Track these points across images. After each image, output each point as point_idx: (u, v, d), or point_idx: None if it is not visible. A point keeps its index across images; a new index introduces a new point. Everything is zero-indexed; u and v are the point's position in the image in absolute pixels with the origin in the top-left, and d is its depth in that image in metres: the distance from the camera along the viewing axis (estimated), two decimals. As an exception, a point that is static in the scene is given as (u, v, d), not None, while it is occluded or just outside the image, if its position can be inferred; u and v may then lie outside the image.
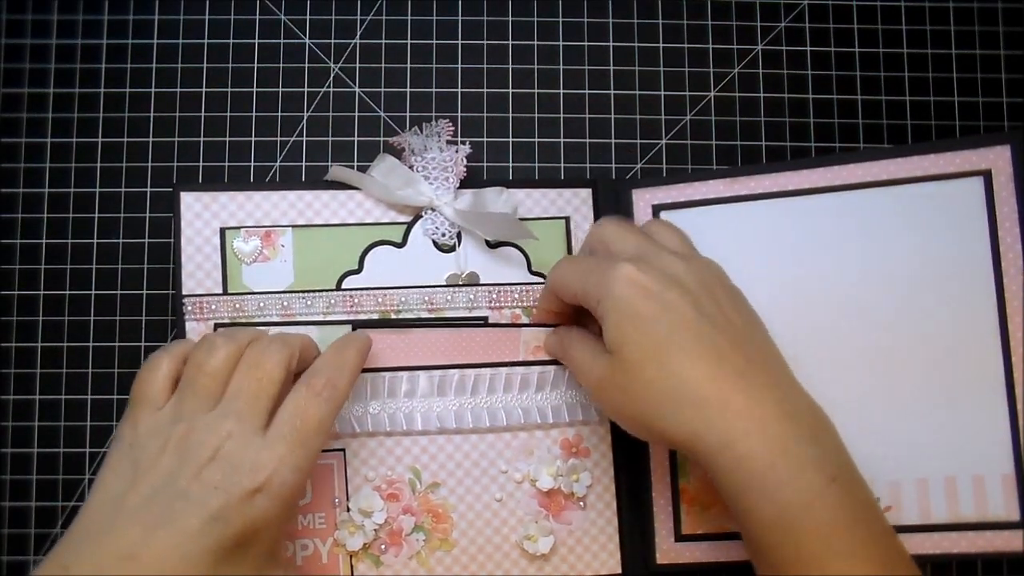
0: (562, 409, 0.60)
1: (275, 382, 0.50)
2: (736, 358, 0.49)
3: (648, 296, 0.49)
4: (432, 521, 0.59)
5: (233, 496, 0.46)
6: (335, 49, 0.65)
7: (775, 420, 0.47)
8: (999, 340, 0.58)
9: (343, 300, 0.60)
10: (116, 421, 0.62)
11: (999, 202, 0.58)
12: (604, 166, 0.65)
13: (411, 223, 0.61)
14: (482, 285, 0.61)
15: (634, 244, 0.53)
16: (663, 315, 0.49)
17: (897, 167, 0.59)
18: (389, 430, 0.59)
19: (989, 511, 0.58)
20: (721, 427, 0.47)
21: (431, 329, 0.60)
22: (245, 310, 0.59)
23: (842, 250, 0.59)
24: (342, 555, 0.59)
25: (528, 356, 0.60)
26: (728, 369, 0.48)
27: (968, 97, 0.66)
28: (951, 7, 0.66)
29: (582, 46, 0.66)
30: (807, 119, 0.66)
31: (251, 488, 0.47)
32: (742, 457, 0.46)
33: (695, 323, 0.49)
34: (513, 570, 0.59)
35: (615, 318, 0.50)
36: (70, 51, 0.65)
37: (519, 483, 0.60)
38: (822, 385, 0.58)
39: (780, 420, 0.47)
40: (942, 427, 0.58)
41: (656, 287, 0.49)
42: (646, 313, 0.49)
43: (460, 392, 0.60)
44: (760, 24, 0.67)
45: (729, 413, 0.47)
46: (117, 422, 0.61)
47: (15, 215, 0.64)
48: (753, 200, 0.60)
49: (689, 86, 0.66)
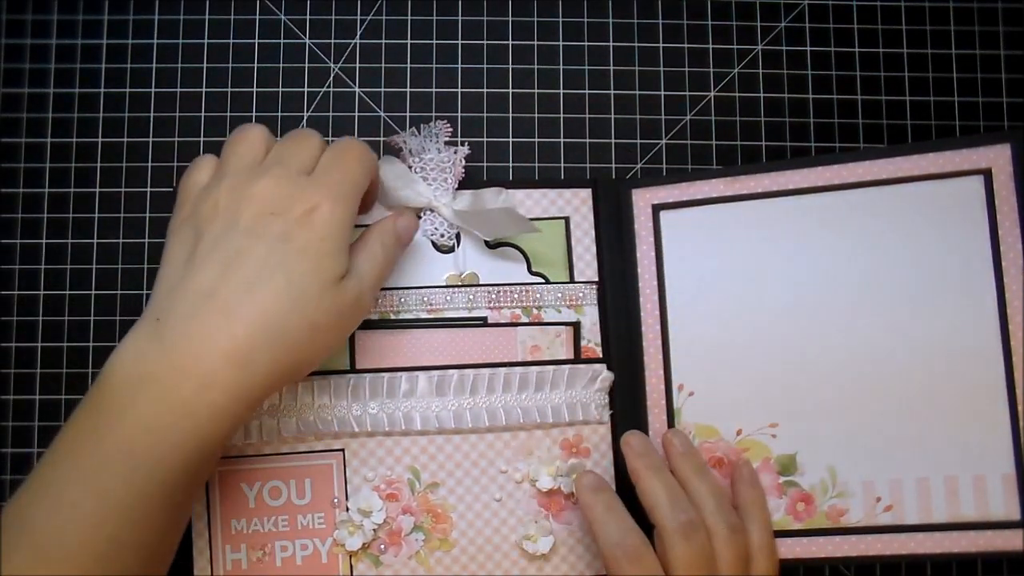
0: (562, 409, 0.60)
1: (316, 149, 0.52)
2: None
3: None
4: (431, 521, 0.59)
5: (290, 219, 0.49)
6: (335, 49, 0.65)
7: None
8: (1000, 339, 0.57)
9: (342, 300, 0.59)
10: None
11: (999, 201, 0.58)
12: (604, 166, 0.65)
13: (411, 224, 0.61)
14: (481, 285, 0.61)
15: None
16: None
17: (897, 166, 0.59)
18: (388, 430, 0.59)
19: (990, 510, 0.58)
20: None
21: (430, 329, 0.60)
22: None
23: (842, 249, 0.59)
24: (341, 555, 0.59)
25: (527, 356, 0.60)
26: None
27: (968, 97, 0.66)
28: (951, 7, 0.66)
29: (582, 46, 0.66)
30: (807, 119, 0.66)
31: (306, 208, 0.49)
32: None
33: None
34: (513, 570, 0.59)
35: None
36: (70, 51, 0.65)
37: (519, 483, 0.60)
38: (822, 384, 0.58)
39: None
40: (943, 426, 0.58)
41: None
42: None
43: (459, 392, 0.59)
44: (760, 24, 0.67)
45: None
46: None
47: (15, 215, 0.64)
48: (753, 199, 0.60)
49: (689, 86, 0.66)
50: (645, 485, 0.55)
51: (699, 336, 0.61)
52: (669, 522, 0.53)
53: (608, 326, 0.61)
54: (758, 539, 0.56)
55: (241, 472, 0.59)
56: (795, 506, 0.59)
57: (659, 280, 0.61)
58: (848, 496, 0.59)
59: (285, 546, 0.59)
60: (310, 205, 0.49)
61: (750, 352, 0.60)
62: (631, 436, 0.57)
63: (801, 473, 0.59)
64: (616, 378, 0.61)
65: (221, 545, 0.58)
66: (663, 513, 0.54)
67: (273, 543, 0.59)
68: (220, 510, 0.59)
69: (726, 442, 0.60)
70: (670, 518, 0.53)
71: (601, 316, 0.61)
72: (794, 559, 0.59)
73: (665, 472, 0.56)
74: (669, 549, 0.53)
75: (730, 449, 0.60)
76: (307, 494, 0.59)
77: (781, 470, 0.59)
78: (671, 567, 0.53)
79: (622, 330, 0.61)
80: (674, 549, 0.52)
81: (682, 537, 0.52)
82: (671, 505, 0.54)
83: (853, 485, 0.59)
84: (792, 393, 0.59)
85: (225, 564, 0.58)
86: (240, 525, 0.59)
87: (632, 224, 0.62)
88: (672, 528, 0.53)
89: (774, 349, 0.59)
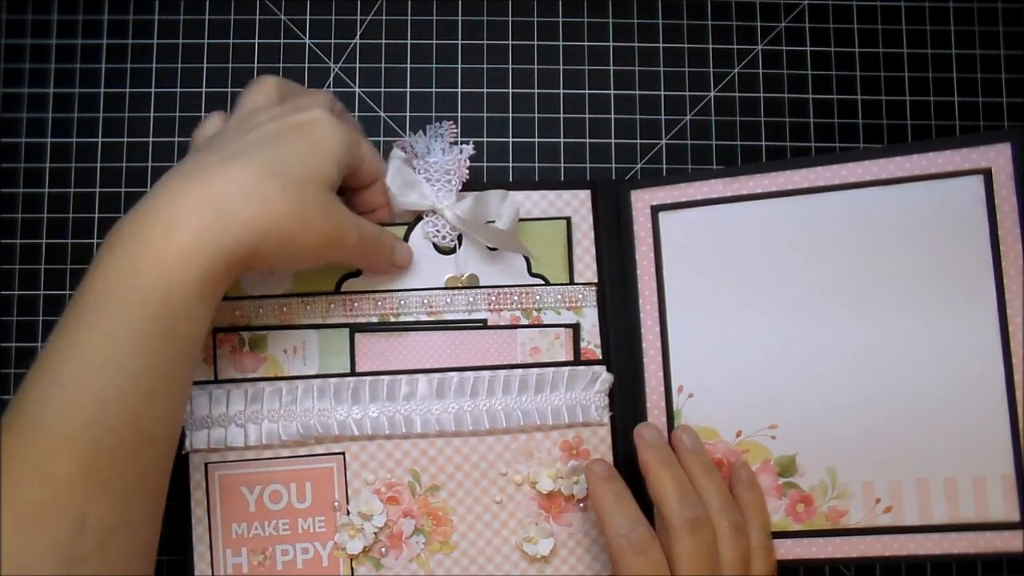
0: (562, 411, 0.60)
1: (328, 100, 0.55)
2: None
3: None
4: (432, 524, 0.59)
5: (288, 121, 0.50)
6: (335, 49, 0.65)
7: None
8: (999, 340, 0.57)
9: (342, 303, 0.60)
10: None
11: (999, 201, 0.57)
12: (604, 166, 0.65)
13: (412, 225, 0.61)
14: (481, 287, 0.61)
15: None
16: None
17: (897, 166, 0.59)
18: (388, 433, 0.59)
19: (989, 512, 0.58)
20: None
21: (430, 332, 0.60)
22: (243, 314, 0.59)
23: (842, 249, 0.59)
24: (342, 559, 0.59)
25: (527, 358, 0.60)
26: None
27: (968, 97, 0.66)
28: (951, 7, 0.66)
29: (582, 46, 0.66)
30: (807, 119, 0.66)
31: (306, 119, 0.51)
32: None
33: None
34: (513, 572, 0.60)
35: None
36: (70, 51, 0.65)
37: (519, 485, 0.60)
38: (822, 385, 0.58)
39: None
40: (942, 427, 0.58)
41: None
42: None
43: (459, 395, 0.60)
44: (760, 24, 0.67)
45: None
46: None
47: (15, 215, 0.64)
48: (753, 200, 0.60)
49: (689, 86, 0.66)
50: (655, 478, 0.55)
51: (698, 337, 0.61)
52: (676, 517, 0.54)
53: (607, 328, 0.61)
54: (756, 540, 0.56)
55: (241, 476, 0.59)
56: (795, 507, 0.59)
57: (658, 281, 0.61)
58: (848, 497, 0.59)
59: (286, 550, 0.59)
60: (310, 118, 0.50)
61: (750, 353, 0.60)
62: (644, 428, 0.58)
63: (801, 474, 0.59)
64: (616, 380, 0.61)
65: (222, 549, 0.58)
66: (671, 508, 0.54)
67: (274, 547, 0.59)
68: (221, 514, 0.59)
69: (726, 443, 0.60)
70: (678, 513, 0.54)
71: (600, 318, 0.61)
72: (794, 560, 0.59)
73: (675, 466, 0.56)
74: (674, 544, 0.53)
75: (730, 450, 0.60)
76: (307, 498, 0.59)
77: (781, 471, 0.59)
78: (675, 561, 0.53)
79: (621, 332, 0.61)
80: (679, 544, 0.53)
81: (688, 533, 0.53)
82: (680, 500, 0.54)
83: (853, 486, 0.59)
84: (792, 394, 0.59)
85: (226, 568, 0.58)
86: (241, 529, 0.59)
87: (631, 225, 0.62)
88: (679, 523, 0.53)
89: (774, 351, 0.59)
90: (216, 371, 0.59)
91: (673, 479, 0.55)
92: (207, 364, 0.59)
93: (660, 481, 0.55)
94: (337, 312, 0.60)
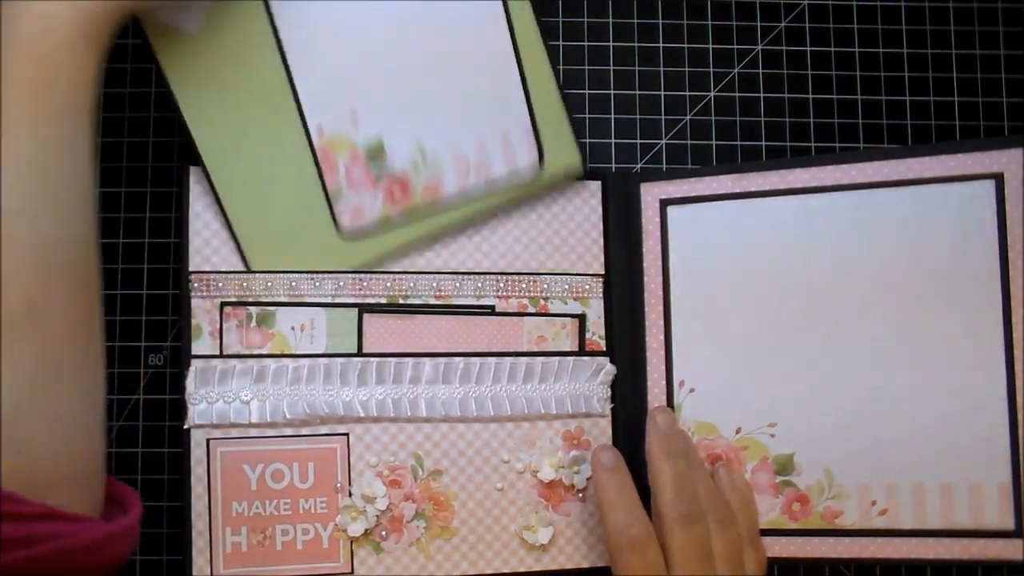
0: (565, 400, 0.60)
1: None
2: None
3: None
4: (433, 508, 0.59)
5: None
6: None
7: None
8: (1003, 348, 0.57)
9: (352, 283, 0.59)
10: (116, 421, 0.62)
11: (1010, 207, 0.57)
12: (604, 166, 0.65)
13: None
14: (490, 274, 0.60)
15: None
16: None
17: (908, 167, 0.59)
18: (393, 416, 0.59)
19: (985, 519, 0.58)
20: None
21: (438, 316, 0.60)
22: (252, 289, 0.58)
23: (848, 249, 0.59)
24: (343, 540, 0.58)
25: (533, 346, 0.60)
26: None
27: (968, 97, 0.66)
28: (951, 7, 0.67)
29: (582, 46, 0.66)
30: (807, 119, 0.66)
31: None
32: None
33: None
34: (512, 559, 0.59)
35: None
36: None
37: (520, 473, 0.60)
38: (823, 386, 0.58)
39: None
40: (941, 433, 0.58)
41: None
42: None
43: (465, 380, 0.59)
44: (760, 24, 0.67)
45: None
46: (116, 422, 0.62)
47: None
48: (760, 197, 0.60)
49: (689, 86, 0.67)
50: (655, 468, 0.55)
51: (702, 333, 0.61)
52: (670, 510, 0.54)
53: (612, 320, 0.61)
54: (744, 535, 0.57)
55: (244, 453, 0.58)
56: (791, 506, 0.59)
57: (664, 276, 0.61)
58: (843, 498, 0.59)
59: (286, 530, 0.58)
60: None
61: (752, 351, 0.60)
62: (658, 414, 0.58)
63: (798, 473, 0.59)
64: (618, 372, 0.61)
65: (221, 527, 0.58)
66: (666, 500, 0.54)
67: (274, 527, 0.58)
68: (221, 491, 0.58)
69: (725, 440, 0.60)
70: (672, 506, 0.54)
71: (606, 310, 0.61)
72: (788, 558, 0.59)
73: (678, 459, 0.56)
74: (667, 535, 0.53)
75: (728, 447, 0.60)
76: (310, 478, 0.58)
77: (778, 469, 0.60)
78: (669, 553, 0.53)
79: (626, 325, 0.61)
80: (671, 537, 0.53)
81: (680, 526, 0.53)
82: (675, 494, 0.54)
83: (849, 488, 0.59)
84: (792, 394, 0.59)
85: (225, 546, 0.58)
86: (241, 507, 0.58)
87: (640, 218, 0.62)
88: (672, 516, 0.53)
89: (776, 349, 0.60)
90: (221, 346, 0.58)
91: (672, 472, 0.55)
92: (212, 338, 0.58)
93: (660, 473, 0.55)
94: (347, 291, 0.59)
